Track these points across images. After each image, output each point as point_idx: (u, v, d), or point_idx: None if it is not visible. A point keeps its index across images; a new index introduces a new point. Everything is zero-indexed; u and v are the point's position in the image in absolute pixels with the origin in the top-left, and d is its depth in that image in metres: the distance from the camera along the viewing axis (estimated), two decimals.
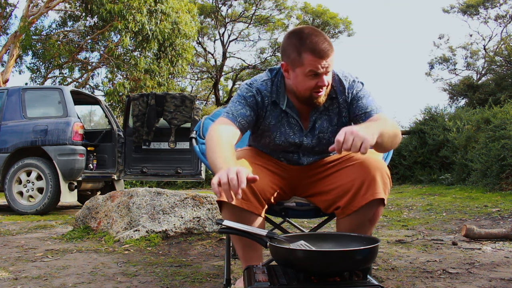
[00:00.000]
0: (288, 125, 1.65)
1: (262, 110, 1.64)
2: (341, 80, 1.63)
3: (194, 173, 5.91)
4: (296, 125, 1.65)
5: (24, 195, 5.33)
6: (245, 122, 1.59)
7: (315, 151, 1.71)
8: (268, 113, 1.64)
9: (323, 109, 1.64)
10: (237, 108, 1.60)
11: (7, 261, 2.51)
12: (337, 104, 1.64)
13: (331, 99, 1.63)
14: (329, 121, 1.66)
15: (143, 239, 2.93)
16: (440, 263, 2.35)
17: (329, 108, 1.65)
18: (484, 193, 6.29)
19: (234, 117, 1.58)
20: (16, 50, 12.44)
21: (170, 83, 12.66)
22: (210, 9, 19.17)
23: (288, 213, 1.78)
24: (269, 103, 1.64)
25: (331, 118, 1.66)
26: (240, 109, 1.60)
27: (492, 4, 18.83)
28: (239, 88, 1.70)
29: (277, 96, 1.63)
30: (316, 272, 1.18)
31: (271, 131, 1.66)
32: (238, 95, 1.65)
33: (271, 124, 1.65)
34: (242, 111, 1.59)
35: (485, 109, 9.21)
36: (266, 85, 1.64)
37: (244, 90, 1.65)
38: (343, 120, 1.66)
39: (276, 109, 1.64)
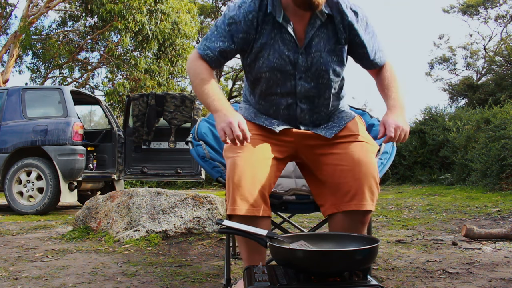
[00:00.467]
0: (282, 41, 1.57)
1: (250, 33, 1.56)
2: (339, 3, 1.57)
3: (194, 173, 5.91)
4: (291, 41, 1.56)
5: (24, 195, 5.33)
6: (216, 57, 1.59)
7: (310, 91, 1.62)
8: (259, 34, 1.57)
9: (320, 26, 1.56)
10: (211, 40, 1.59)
11: (7, 261, 2.51)
12: (334, 24, 1.57)
13: (328, 17, 1.56)
14: (326, 40, 1.58)
15: (143, 239, 2.93)
16: (440, 263, 2.35)
17: (327, 26, 1.57)
18: (484, 193, 6.30)
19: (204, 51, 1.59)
20: (16, 50, 12.45)
21: (170, 83, 12.67)
22: (210, 9, 19.17)
23: (287, 207, 1.78)
24: (258, 22, 1.55)
25: (329, 37, 1.58)
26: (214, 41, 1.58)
27: (492, 4, 18.83)
28: (227, 8, 1.63)
29: (273, 9, 1.54)
30: (316, 272, 1.18)
31: (263, 50, 1.58)
32: (222, 21, 1.59)
33: (263, 43, 1.57)
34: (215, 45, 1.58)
35: (485, 109, 9.21)
36: (254, 5, 1.55)
37: (228, 16, 1.57)
38: (342, 42, 1.59)
39: (267, 25, 1.56)
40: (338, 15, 1.56)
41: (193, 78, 1.59)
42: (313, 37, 1.57)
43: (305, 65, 1.59)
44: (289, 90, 1.62)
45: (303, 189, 1.80)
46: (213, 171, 1.89)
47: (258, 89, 1.67)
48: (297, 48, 1.57)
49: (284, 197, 1.76)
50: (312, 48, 1.58)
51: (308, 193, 1.78)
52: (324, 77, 1.61)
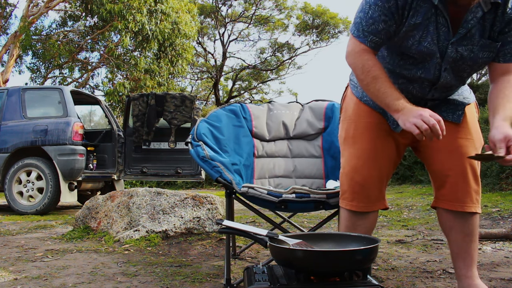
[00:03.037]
0: (436, 25, 1.40)
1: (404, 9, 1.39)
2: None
3: (194, 173, 5.91)
4: (445, 26, 1.39)
5: (24, 195, 5.33)
6: (379, 38, 1.43)
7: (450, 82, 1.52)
8: (413, 11, 1.39)
9: (481, 16, 1.37)
10: (369, 22, 1.41)
11: (7, 261, 2.51)
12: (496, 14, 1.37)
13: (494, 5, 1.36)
14: (482, 32, 1.40)
15: (143, 239, 2.93)
16: (440, 263, 2.35)
17: (486, 17, 1.38)
18: (484, 193, 6.29)
19: (365, 37, 1.43)
20: (16, 50, 12.44)
21: (170, 83, 12.66)
22: (210, 9, 19.16)
23: (287, 206, 1.78)
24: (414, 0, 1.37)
25: (485, 30, 1.40)
26: (371, 24, 1.41)
27: None
28: None
29: None
30: (316, 272, 1.17)
31: (415, 30, 1.41)
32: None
33: (417, 22, 1.40)
34: (373, 27, 1.41)
35: (485, 109, 9.20)
36: None
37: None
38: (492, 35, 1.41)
39: (424, 3, 1.38)
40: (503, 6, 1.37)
41: (363, 76, 1.45)
42: (470, 28, 1.39)
43: (454, 57, 1.44)
44: (431, 79, 1.51)
45: (303, 188, 1.80)
46: (213, 171, 1.89)
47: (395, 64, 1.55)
48: (449, 36, 1.41)
49: (284, 195, 1.76)
50: (465, 40, 1.41)
51: (308, 191, 1.78)
52: (467, 71, 1.51)
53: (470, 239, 1.53)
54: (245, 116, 2.35)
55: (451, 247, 1.58)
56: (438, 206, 1.58)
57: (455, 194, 1.51)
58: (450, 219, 1.55)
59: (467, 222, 1.52)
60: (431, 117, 1.30)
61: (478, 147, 1.54)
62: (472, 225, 1.53)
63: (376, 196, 1.54)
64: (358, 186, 1.53)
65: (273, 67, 21.32)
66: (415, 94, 1.56)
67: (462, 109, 1.57)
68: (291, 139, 2.42)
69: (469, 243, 1.53)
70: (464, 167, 1.49)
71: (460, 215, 1.52)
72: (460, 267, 1.54)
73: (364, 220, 1.55)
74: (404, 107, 1.37)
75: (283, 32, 22.53)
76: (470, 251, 1.53)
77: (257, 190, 1.80)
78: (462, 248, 1.53)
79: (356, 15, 1.46)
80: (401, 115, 1.37)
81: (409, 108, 1.36)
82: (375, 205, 1.55)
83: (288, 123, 2.42)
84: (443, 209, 1.56)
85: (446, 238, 1.61)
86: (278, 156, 2.37)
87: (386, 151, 1.58)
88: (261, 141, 2.37)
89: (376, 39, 1.43)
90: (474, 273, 1.53)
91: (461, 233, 1.53)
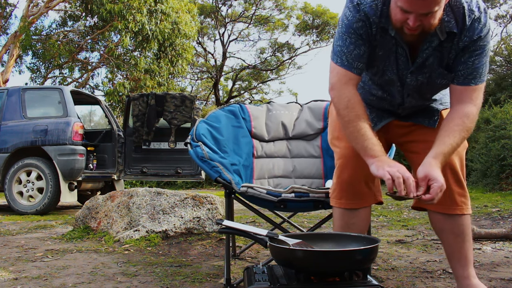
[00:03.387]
0: (396, 55, 1.44)
1: (370, 40, 1.42)
2: (464, 15, 1.35)
3: (194, 173, 5.91)
4: (403, 55, 1.43)
5: (24, 195, 5.33)
6: (362, 63, 1.44)
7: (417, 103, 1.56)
8: (377, 42, 1.43)
9: (438, 44, 1.39)
10: (350, 48, 1.42)
11: (7, 261, 2.51)
12: (452, 43, 1.39)
13: (449, 35, 1.37)
14: (440, 60, 1.43)
15: (143, 239, 2.93)
16: (440, 263, 2.35)
17: (444, 45, 1.40)
18: (484, 193, 6.30)
19: (350, 64, 1.43)
20: (16, 50, 12.44)
21: (170, 83, 12.66)
22: (210, 9, 19.16)
23: (286, 206, 1.78)
24: (377, 31, 1.41)
25: (443, 58, 1.42)
26: (353, 50, 1.42)
27: (492, 4, 18.82)
28: (345, 10, 1.43)
29: (386, 21, 1.38)
30: (316, 272, 1.18)
31: (379, 60, 1.47)
32: (346, 25, 1.42)
33: (380, 54, 1.45)
34: (356, 52, 1.42)
35: (485, 109, 9.21)
36: (375, 8, 1.38)
37: (351, 16, 1.41)
38: (448, 62, 1.43)
39: (386, 35, 1.41)
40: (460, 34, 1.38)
41: (346, 112, 1.43)
42: (427, 57, 1.43)
43: (414, 85, 1.49)
44: (397, 102, 1.57)
45: (303, 187, 1.80)
46: (212, 171, 1.89)
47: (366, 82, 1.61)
48: (408, 66, 1.46)
49: (283, 195, 1.76)
50: (425, 68, 1.45)
51: (308, 191, 1.78)
52: (430, 93, 1.55)
53: (462, 239, 1.52)
54: (244, 117, 2.35)
55: (444, 248, 1.58)
56: (424, 208, 1.59)
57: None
58: (440, 221, 1.55)
59: (457, 223, 1.52)
60: (406, 172, 1.30)
61: (461, 150, 1.52)
62: (462, 225, 1.52)
63: (365, 192, 1.54)
64: (345, 184, 1.55)
65: (273, 67, 21.32)
66: (387, 108, 1.63)
67: (438, 114, 1.59)
68: (290, 139, 2.42)
69: (461, 244, 1.52)
70: (443, 173, 1.49)
71: (448, 217, 1.52)
72: (456, 267, 1.54)
73: (356, 217, 1.55)
74: (381, 155, 1.38)
75: (283, 32, 22.55)
76: (463, 252, 1.52)
77: (256, 190, 1.80)
78: (455, 249, 1.53)
79: (335, 44, 1.48)
80: (377, 161, 1.37)
81: (386, 158, 1.38)
82: (364, 201, 1.55)
83: (287, 124, 2.42)
84: (432, 210, 1.56)
85: (439, 239, 1.62)
86: (277, 157, 2.37)
87: None
88: (260, 142, 2.38)
89: (361, 65, 1.45)
90: (470, 273, 1.52)
91: (452, 234, 1.53)
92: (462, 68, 1.41)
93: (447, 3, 1.35)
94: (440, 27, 1.35)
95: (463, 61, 1.41)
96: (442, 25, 1.35)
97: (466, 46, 1.38)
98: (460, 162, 1.52)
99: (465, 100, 1.42)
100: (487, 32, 1.38)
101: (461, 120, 1.40)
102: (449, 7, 1.36)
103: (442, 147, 1.37)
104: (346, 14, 1.43)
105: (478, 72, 1.41)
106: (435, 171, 1.31)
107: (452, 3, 1.36)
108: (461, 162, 1.52)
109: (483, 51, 1.39)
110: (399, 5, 1.28)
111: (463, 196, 1.51)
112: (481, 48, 1.39)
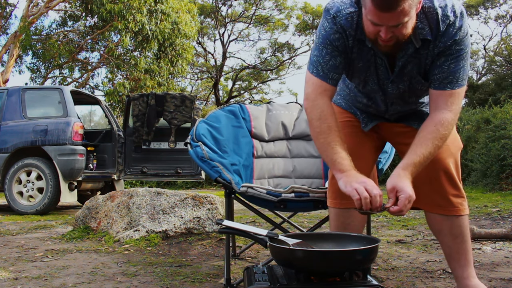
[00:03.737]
0: (375, 65, 1.45)
1: (348, 51, 1.43)
2: (438, 21, 1.34)
3: (194, 173, 5.91)
4: (382, 65, 1.44)
5: (24, 195, 5.33)
6: (338, 74, 1.45)
7: (402, 109, 1.58)
8: (355, 55, 1.44)
9: (414, 52, 1.39)
10: (325, 59, 1.43)
11: (7, 261, 2.51)
12: (428, 50, 1.39)
13: (425, 41, 1.37)
14: (418, 66, 1.43)
15: (143, 239, 2.93)
16: (440, 263, 2.35)
17: (420, 52, 1.39)
18: (484, 193, 6.30)
19: (325, 75, 1.44)
20: (16, 50, 12.44)
21: (170, 83, 12.66)
22: (210, 9, 19.16)
23: (286, 206, 1.78)
24: (354, 43, 1.42)
25: (421, 65, 1.42)
26: (328, 61, 1.43)
27: (492, 4, 18.83)
28: (323, 21, 1.44)
29: (362, 33, 1.38)
30: (316, 272, 1.18)
31: (360, 72, 1.48)
32: (323, 36, 1.43)
33: (359, 66, 1.46)
34: (331, 63, 1.43)
35: (485, 109, 9.21)
36: (351, 21, 1.39)
37: (328, 28, 1.41)
38: (426, 68, 1.43)
39: (363, 47, 1.42)
40: (435, 41, 1.37)
41: (318, 123, 1.43)
42: (405, 65, 1.43)
43: (396, 93, 1.50)
44: (382, 110, 1.59)
45: (303, 187, 1.80)
46: (212, 171, 1.89)
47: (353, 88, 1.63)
48: (388, 75, 1.47)
49: (283, 195, 1.76)
50: (405, 76, 1.46)
51: (308, 190, 1.78)
52: (414, 99, 1.56)
53: (461, 240, 1.52)
54: (244, 117, 2.35)
55: (443, 249, 1.57)
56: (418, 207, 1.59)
57: (432, 201, 1.51)
58: (437, 222, 1.54)
59: (455, 224, 1.51)
60: (374, 189, 1.29)
61: (455, 151, 1.52)
62: (460, 226, 1.51)
63: None
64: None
65: (273, 67, 21.32)
66: (374, 113, 1.64)
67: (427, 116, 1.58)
68: (290, 139, 2.42)
69: (460, 244, 1.52)
70: (436, 175, 1.48)
71: (446, 218, 1.51)
72: (456, 268, 1.54)
73: (351, 216, 1.55)
74: (349, 170, 1.36)
75: (283, 32, 22.55)
76: (462, 252, 1.52)
77: (256, 190, 1.80)
78: (453, 249, 1.52)
79: (312, 54, 1.48)
80: (344, 176, 1.35)
81: (354, 173, 1.36)
82: None
83: (287, 124, 2.42)
84: (429, 212, 1.56)
85: (438, 240, 1.61)
86: (277, 157, 2.37)
87: (363, 147, 1.60)
88: (260, 142, 2.37)
89: (336, 75, 1.45)
90: (470, 273, 1.52)
91: (450, 235, 1.52)
92: (437, 72, 1.40)
93: (421, 10, 1.34)
94: (414, 35, 1.35)
95: (438, 65, 1.40)
96: (416, 32, 1.35)
97: (442, 51, 1.38)
98: (454, 164, 1.51)
99: (441, 106, 1.40)
100: (463, 36, 1.36)
101: (435, 127, 1.38)
102: (423, 14, 1.35)
103: (413, 157, 1.35)
104: (324, 25, 1.43)
105: (455, 76, 1.39)
106: (403, 182, 1.30)
107: (426, 10, 1.35)
108: (455, 164, 1.51)
109: (460, 55, 1.37)
110: (369, 19, 1.29)
111: (459, 197, 1.51)
112: (457, 52, 1.37)
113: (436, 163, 1.48)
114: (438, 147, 1.38)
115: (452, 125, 1.40)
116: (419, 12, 1.33)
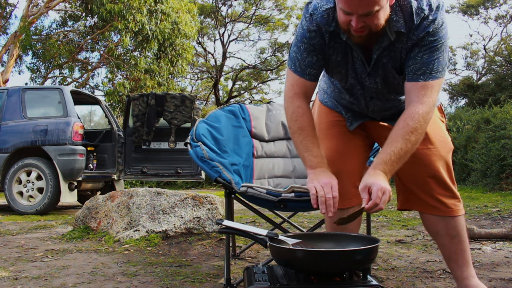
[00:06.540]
0: (352, 59, 1.46)
1: (324, 48, 1.45)
2: (412, 14, 1.34)
3: (194, 173, 5.91)
4: (359, 59, 1.45)
5: (24, 195, 5.33)
6: (315, 70, 1.47)
7: (383, 105, 1.58)
8: (332, 50, 1.45)
9: (388, 45, 1.39)
10: (303, 56, 1.46)
11: (7, 261, 2.51)
12: (402, 43, 1.38)
13: (399, 34, 1.37)
14: (394, 59, 1.42)
15: (143, 239, 2.93)
16: (440, 263, 2.35)
17: (395, 45, 1.39)
18: (484, 193, 6.30)
19: (302, 70, 1.47)
20: (16, 50, 12.45)
21: (170, 83, 12.65)
22: (210, 9, 19.16)
23: (286, 205, 1.78)
24: (331, 38, 1.43)
25: (396, 58, 1.42)
26: (305, 57, 1.45)
27: (492, 4, 18.83)
28: (302, 18, 1.47)
29: (337, 26, 1.39)
30: (316, 272, 1.17)
31: (340, 67, 1.49)
32: (300, 34, 1.45)
33: (338, 60, 1.47)
34: (308, 59, 1.45)
35: (485, 109, 9.21)
36: (327, 18, 1.40)
37: (306, 26, 1.44)
38: (401, 62, 1.43)
39: (340, 40, 1.42)
40: (408, 34, 1.37)
41: (291, 124, 1.49)
42: (380, 58, 1.43)
43: (374, 87, 1.50)
44: (363, 107, 1.60)
45: (303, 187, 1.80)
46: (212, 171, 1.89)
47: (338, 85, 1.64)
48: (365, 69, 1.47)
49: (283, 194, 1.76)
50: (381, 70, 1.45)
51: (307, 190, 1.78)
52: (394, 94, 1.55)
53: (458, 241, 1.51)
54: (244, 117, 2.35)
55: (441, 250, 1.56)
56: (410, 208, 1.59)
57: (425, 202, 1.51)
58: (434, 224, 1.54)
59: (451, 225, 1.50)
60: (333, 191, 1.31)
61: (445, 154, 1.51)
62: (457, 227, 1.50)
63: (352, 192, 1.53)
64: None
65: (273, 67, 21.32)
66: (358, 111, 1.64)
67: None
68: (290, 139, 2.42)
69: (458, 245, 1.51)
70: (424, 179, 1.47)
71: (442, 219, 1.51)
72: (455, 268, 1.53)
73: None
74: (318, 167, 1.39)
75: (283, 32, 22.52)
76: (460, 252, 1.51)
77: (256, 190, 1.80)
78: (452, 250, 1.52)
79: (291, 50, 1.51)
80: (312, 173, 1.38)
81: (323, 171, 1.38)
82: (352, 201, 1.54)
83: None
84: (425, 213, 1.56)
85: (435, 242, 1.60)
86: (277, 156, 2.37)
87: (351, 146, 1.60)
88: (260, 142, 2.37)
89: (314, 71, 1.48)
90: (470, 273, 1.51)
91: (447, 236, 1.51)
92: (411, 64, 1.39)
93: (396, 3, 1.34)
94: (389, 27, 1.35)
95: (412, 57, 1.39)
96: (391, 25, 1.34)
97: (415, 43, 1.37)
98: (445, 166, 1.49)
99: (413, 99, 1.38)
100: (438, 27, 1.35)
101: (405, 122, 1.36)
102: (398, 7, 1.35)
103: (382, 156, 1.34)
104: (302, 23, 1.46)
105: (428, 67, 1.37)
106: (373, 178, 1.28)
107: (401, 3, 1.35)
108: (446, 166, 1.50)
109: (433, 46, 1.36)
110: (340, 7, 1.30)
111: (452, 198, 1.50)
112: (430, 43, 1.36)
113: (424, 167, 1.47)
114: (411, 141, 1.35)
115: (425, 118, 1.37)
116: (394, 4, 1.34)
